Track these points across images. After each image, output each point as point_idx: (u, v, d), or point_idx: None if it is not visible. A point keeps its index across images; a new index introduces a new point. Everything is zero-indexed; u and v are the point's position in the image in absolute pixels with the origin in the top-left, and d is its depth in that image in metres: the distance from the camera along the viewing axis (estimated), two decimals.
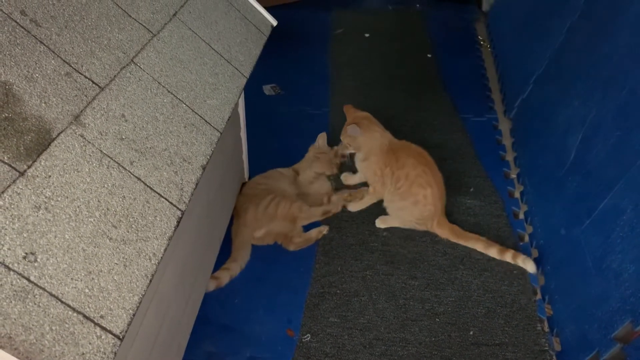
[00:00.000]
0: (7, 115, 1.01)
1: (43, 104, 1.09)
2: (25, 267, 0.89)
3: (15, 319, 0.84)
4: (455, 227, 2.20)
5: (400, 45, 3.77)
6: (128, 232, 1.08)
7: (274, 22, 2.11)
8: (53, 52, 1.18)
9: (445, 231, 2.19)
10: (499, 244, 2.14)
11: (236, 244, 2.18)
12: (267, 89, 3.26)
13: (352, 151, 2.32)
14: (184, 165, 1.30)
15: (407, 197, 2.15)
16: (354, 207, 2.36)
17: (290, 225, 2.21)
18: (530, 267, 2.05)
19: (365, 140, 2.23)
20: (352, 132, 2.19)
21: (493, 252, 2.12)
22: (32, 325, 0.86)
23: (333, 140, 2.75)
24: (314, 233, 2.24)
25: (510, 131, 2.87)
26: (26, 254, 0.91)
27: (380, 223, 2.31)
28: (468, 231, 2.21)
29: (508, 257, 2.09)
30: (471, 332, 1.89)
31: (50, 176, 1.02)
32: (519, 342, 1.85)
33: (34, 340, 0.84)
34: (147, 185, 1.19)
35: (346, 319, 1.94)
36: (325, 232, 2.26)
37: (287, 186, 2.34)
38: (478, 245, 2.15)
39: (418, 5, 4.36)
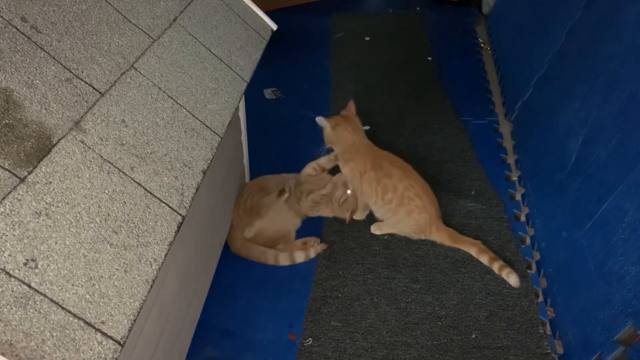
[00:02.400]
0: (7, 121, 1.01)
1: (43, 110, 1.09)
2: (26, 273, 0.89)
3: (16, 326, 0.84)
4: (452, 231, 2.19)
5: (401, 48, 3.78)
6: (129, 237, 1.08)
7: (274, 27, 2.11)
8: (53, 58, 1.19)
9: (443, 236, 2.18)
10: (493, 251, 2.13)
11: (238, 251, 2.19)
12: (268, 93, 3.26)
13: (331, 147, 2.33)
14: (184, 170, 1.30)
15: (399, 210, 2.14)
16: (358, 215, 2.36)
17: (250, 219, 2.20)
18: (513, 280, 2.02)
19: (334, 135, 2.25)
20: (318, 121, 2.28)
21: (484, 259, 2.11)
22: (33, 331, 0.86)
23: None
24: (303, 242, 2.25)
25: (511, 134, 2.87)
26: (27, 260, 0.91)
27: (376, 229, 2.30)
28: (468, 234, 2.22)
29: (495, 267, 2.08)
30: (473, 335, 1.89)
31: (50, 182, 1.02)
32: (521, 345, 1.85)
33: (35, 347, 0.84)
34: (148, 191, 1.19)
35: (348, 323, 1.94)
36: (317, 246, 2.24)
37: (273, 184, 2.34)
38: (472, 250, 2.14)
39: (418, 9, 4.37)
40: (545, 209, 2.22)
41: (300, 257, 2.17)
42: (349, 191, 2.27)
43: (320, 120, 2.27)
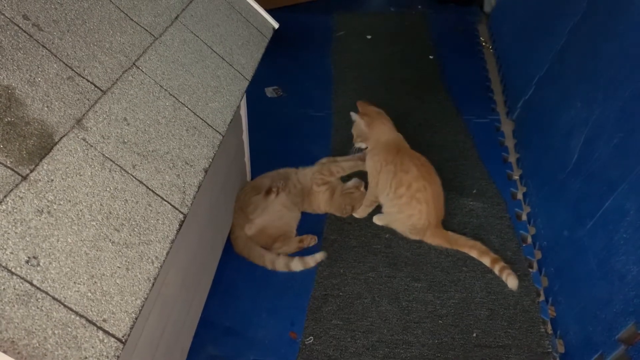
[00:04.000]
0: (9, 119, 1.01)
1: (45, 108, 1.09)
2: (28, 271, 0.89)
3: (18, 323, 0.84)
4: (450, 235, 2.18)
5: (402, 47, 3.77)
6: (130, 235, 1.08)
7: (276, 25, 2.11)
8: (55, 56, 1.19)
9: (438, 240, 2.18)
10: (494, 250, 2.12)
11: (240, 251, 2.19)
12: (269, 91, 3.26)
13: (362, 145, 2.33)
14: (186, 169, 1.30)
15: (405, 210, 2.15)
16: (360, 213, 2.36)
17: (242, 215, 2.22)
18: (511, 283, 2.02)
19: (370, 129, 2.27)
20: (352, 116, 2.31)
21: (486, 260, 2.11)
22: (35, 329, 0.86)
23: (336, 142, 2.75)
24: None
25: (512, 132, 2.86)
26: (29, 257, 0.91)
27: (377, 220, 2.32)
28: (470, 233, 2.22)
29: (496, 269, 2.07)
30: (474, 334, 1.89)
31: (52, 180, 1.02)
32: (522, 344, 1.85)
33: (37, 344, 0.85)
34: (149, 189, 1.19)
35: (349, 322, 1.94)
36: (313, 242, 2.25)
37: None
38: (472, 252, 2.14)
39: (420, 7, 4.36)
40: (547, 208, 2.22)
41: (297, 267, 2.14)
42: (361, 188, 2.35)
43: (354, 115, 2.31)
